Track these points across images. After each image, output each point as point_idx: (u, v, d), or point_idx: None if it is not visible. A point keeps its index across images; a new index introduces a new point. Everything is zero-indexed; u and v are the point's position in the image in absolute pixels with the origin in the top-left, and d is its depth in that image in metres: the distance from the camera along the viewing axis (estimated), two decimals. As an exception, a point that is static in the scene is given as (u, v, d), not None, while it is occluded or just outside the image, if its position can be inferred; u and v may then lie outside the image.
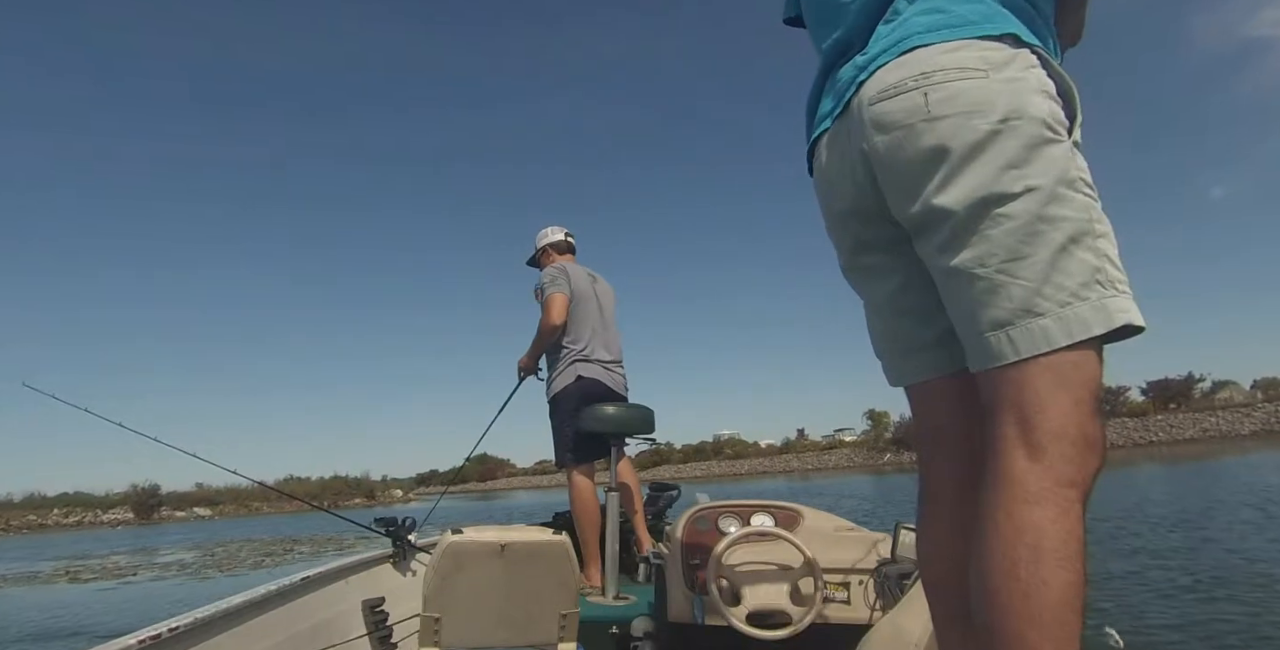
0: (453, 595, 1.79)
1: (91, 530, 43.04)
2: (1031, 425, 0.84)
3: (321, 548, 15.99)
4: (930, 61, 0.93)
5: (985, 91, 0.89)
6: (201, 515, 54.31)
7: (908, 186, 0.95)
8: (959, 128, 0.89)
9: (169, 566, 13.87)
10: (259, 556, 14.60)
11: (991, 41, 0.92)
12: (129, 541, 25.15)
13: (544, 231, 3.73)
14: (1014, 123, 0.88)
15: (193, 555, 16.29)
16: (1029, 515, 0.81)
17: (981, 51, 0.92)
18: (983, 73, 0.90)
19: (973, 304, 0.91)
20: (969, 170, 0.89)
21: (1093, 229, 0.88)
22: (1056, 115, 0.90)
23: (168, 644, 1.52)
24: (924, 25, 0.96)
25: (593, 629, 2.39)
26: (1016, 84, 0.90)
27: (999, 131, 0.88)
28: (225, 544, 19.31)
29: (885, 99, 0.95)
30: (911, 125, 0.93)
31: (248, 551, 16.05)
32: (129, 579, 12.02)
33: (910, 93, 0.93)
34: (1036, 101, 0.90)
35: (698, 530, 2.48)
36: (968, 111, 0.89)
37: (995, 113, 0.88)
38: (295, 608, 2.09)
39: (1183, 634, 4.24)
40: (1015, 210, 0.87)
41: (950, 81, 0.91)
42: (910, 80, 0.93)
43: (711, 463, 75.84)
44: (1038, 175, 0.87)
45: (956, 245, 0.91)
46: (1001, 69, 0.91)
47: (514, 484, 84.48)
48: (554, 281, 3.39)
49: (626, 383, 3.51)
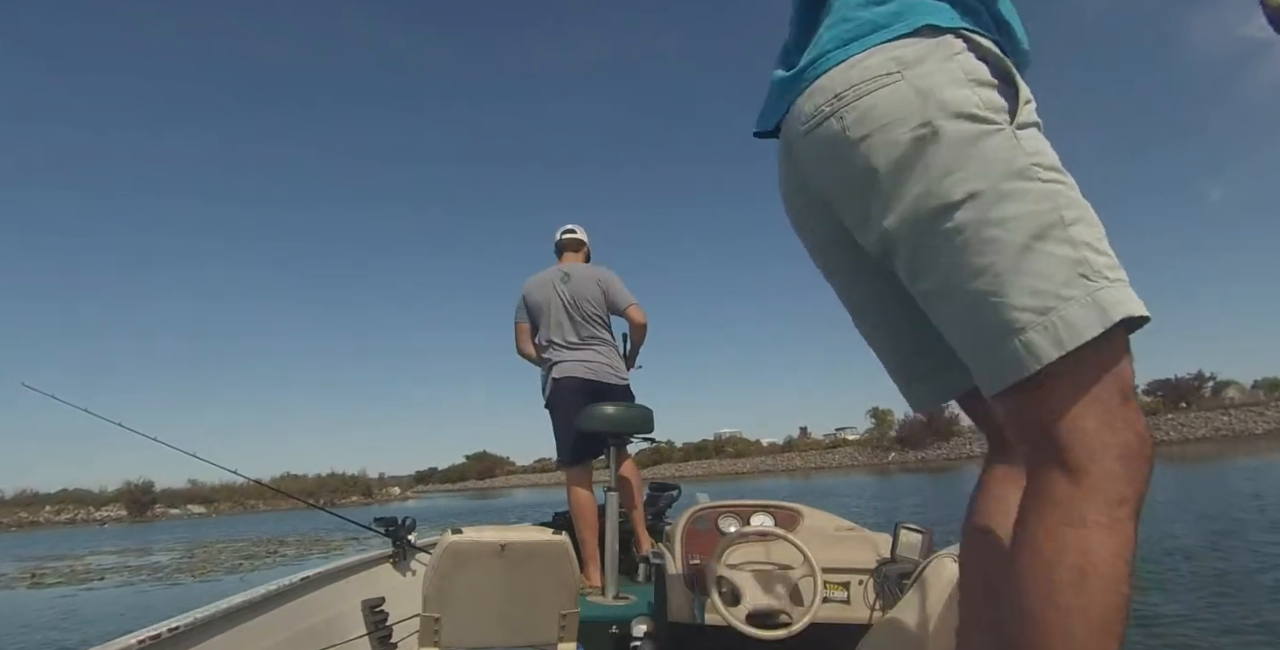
0: (452, 595, 1.79)
1: (84, 528, 43.01)
2: (1064, 445, 0.77)
3: (307, 550, 15.51)
4: (841, 80, 0.89)
5: (898, 96, 0.84)
6: (196, 513, 54.36)
7: (857, 216, 0.92)
8: (881, 144, 0.85)
9: (140, 570, 13.42)
10: (238, 559, 14.18)
11: (904, 39, 0.87)
12: (115, 540, 24.78)
13: (557, 230, 3.77)
14: (938, 123, 0.83)
15: (170, 557, 15.88)
16: (1074, 537, 0.74)
17: (893, 53, 0.87)
18: (896, 75, 0.85)
19: (953, 330, 0.87)
20: (903, 187, 0.85)
21: (1061, 217, 0.80)
22: (992, 102, 0.84)
23: (167, 644, 1.51)
24: (833, 40, 0.92)
25: (593, 629, 2.38)
26: (933, 78, 0.84)
27: (923, 137, 0.83)
28: (209, 545, 18.92)
29: (808, 132, 0.92)
30: (839, 155, 0.89)
31: (229, 554, 15.62)
32: (92, 585, 11.60)
33: (828, 120, 0.89)
34: (961, 94, 0.84)
35: (698, 530, 2.51)
36: (885, 124, 0.85)
37: (914, 117, 0.83)
38: (295, 608, 2.09)
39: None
40: (962, 220, 0.82)
41: (862, 97, 0.86)
42: (825, 106, 0.90)
43: (712, 461, 75.73)
44: (977, 176, 0.81)
45: (919, 270, 0.88)
46: (916, 66, 0.85)
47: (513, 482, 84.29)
48: (517, 309, 3.61)
49: (610, 360, 3.44)
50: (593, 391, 3.31)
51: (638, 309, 3.49)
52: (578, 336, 3.42)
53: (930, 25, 0.87)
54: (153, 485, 56.71)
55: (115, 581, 11.70)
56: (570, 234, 3.71)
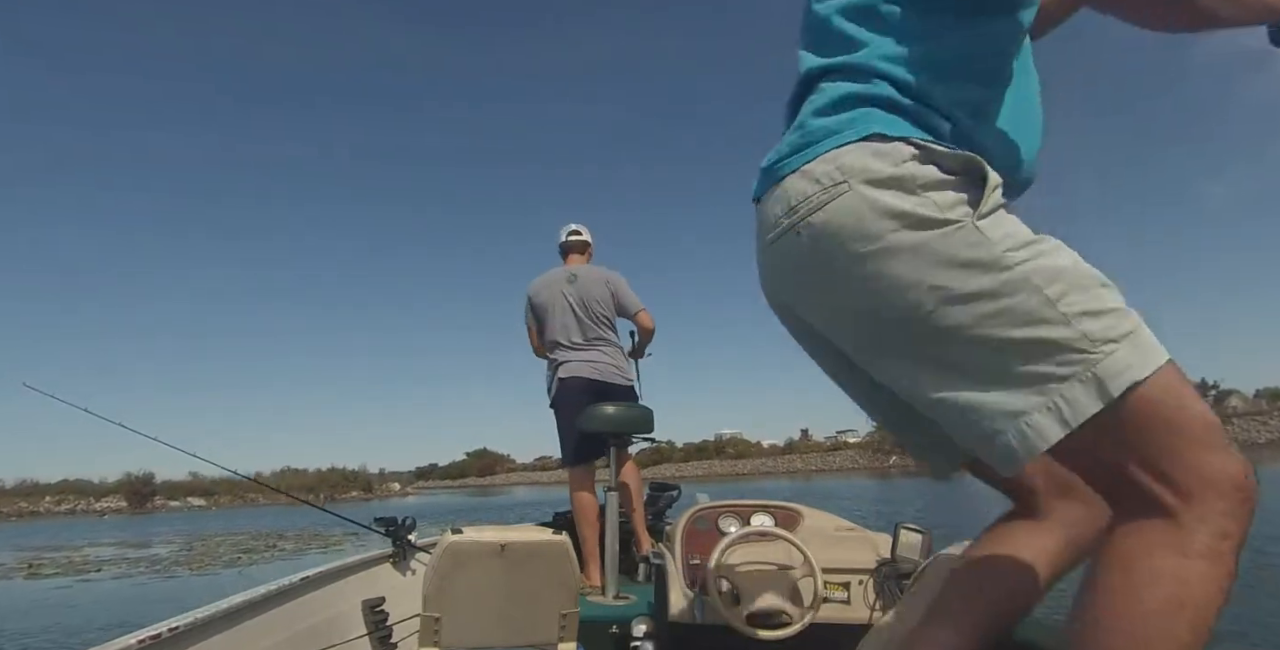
0: (453, 595, 1.79)
1: (84, 518, 43.03)
2: (1169, 478, 0.75)
3: (306, 545, 15.51)
4: (795, 190, 0.89)
5: (848, 208, 0.83)
6: (196, 505, 54.35)
7: (828, 325, 0.93)
8: (841, 262, 0.84)
9: (139, 562, 13.39)
10: (237, 553, 14.16)
11: (852, 146, 0.86)
12: (114, 532, 24.77)
13: (561, 230, 3.77)
14: (891, 237, 0.81)
15: (169, 550, 15.87)
16: (1175, 567, 0.72)
17: (840, 161, 0.86)
18: (844, 185, 0.84)
19: (952, 429, 0.85)
20: (871, 301, 0.84)
21: (1045, 298, 0.77)
22: (947, 201, 0.81)
23: (167, 644, 1.50)
24: (789, 145, 0.93)
25: (593, 629, 2.38)
26: (882, 187, 0.82)
27: (880, 251, 0.81)
28: (207, 538, 18.91)
29: (772, 243, 0.92)
30: (801, 270, 0.90)
31: (227, 547, 15.59)
32: (90, 576, 11.56)
33: (787, 234, 0.89)
34: (912, 202, 0.81)
35: (698, 530, 2.51)
36: (841, 241, 0.84)
37: (868, 229, 0.82)
38: (295, 608, 2.08)
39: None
40: (943, 327, 0.80)
41: (814, 211, 0.86)
42: (784, 218, 0.90)
43: (713, 462, 75.72)
44: (946, 281, 0.79)
45: (902, 380, 0.87)
46: (863, 174, 0.84)
47: (513, 479, 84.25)
48: (525, 311, 3.65)
49: (615, 361, 3.48)
50: (598, 392, 3.32)
51: (647, 315, 3.57)
52: (583, 337, 3.44)
53: (878, 133, 0.86)
54: (153, 477, 56.82)
55: (112, 573, 11.69)
56: (577, 236, 3.71)
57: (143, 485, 55.67)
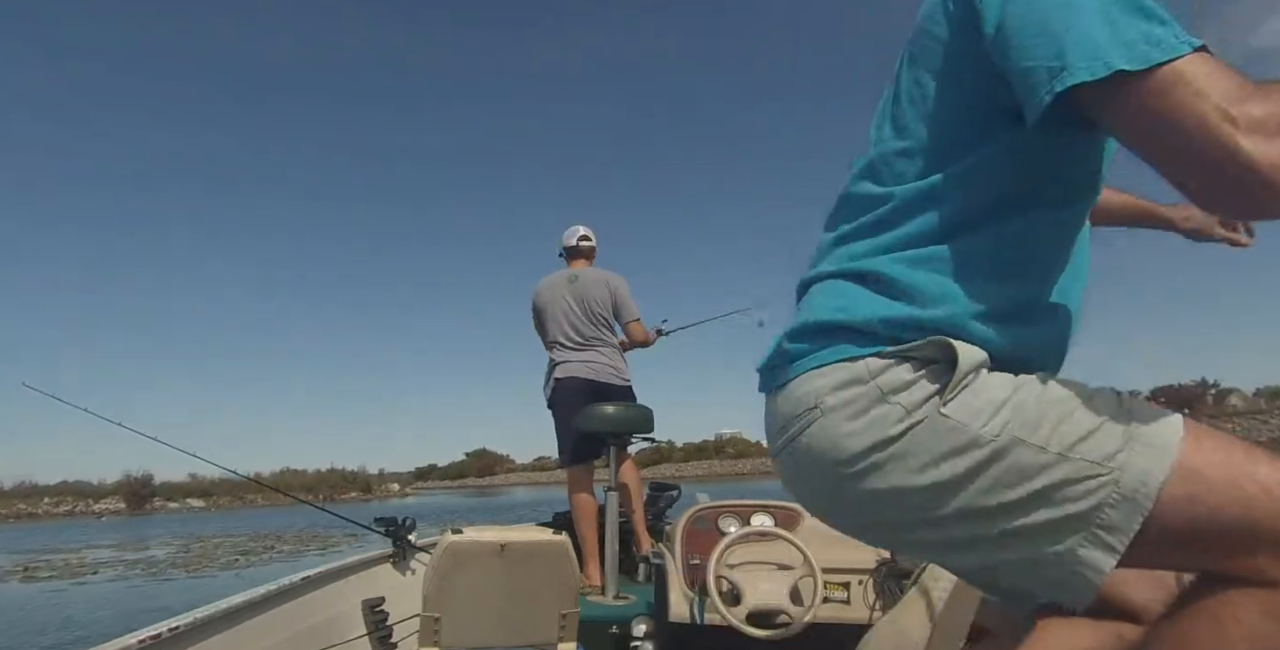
0: (452, 595, 1.79)
1: (82, 520, 42.89)
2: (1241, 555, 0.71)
3: (304, 546, 15.45)
4: (780, 413, 0.90)
5: (823, 434, 0.83)
6: (194, 507, 54.29)
7: (854, 533, 0.94)
8: (828, 483, 0.85)
9: (135, 564, 13.41)
10: (234, 555, 14.22)
11: (815, 371, 0.86)
12: (111, 534, 24.71)
13: (567, 232, 3.77)
14: (870, 457, 0.80)
15: (166, 552, 15.84)
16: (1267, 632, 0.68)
17: (809, 385, 0.86)
18: (815, 411, 0.84)
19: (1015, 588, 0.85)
20: (871, 517, 0.86)
21: (1035, 459, 0.74)
22: (912, 401, 0.79)
23: (167, 644, 1.50)
24: (771, 359, 0.94)
25: (592, 629, 2.37)
26: (848, 409, 0.82)
27: (859, 473, 0.81)
28: (205, 540, 18.85)
29: (777, 455, 0.93)
30: (804, 484, 0.91)
31: (224, 549, 15.62)
32: (85, 579, 11.58)
33: (783, 453, 0.90)
34: (877, 416, 0.80)
35: (697, 530, 2.51)
36: (823, 465, 0.84)
37: (841, 455, 0.81)
38: (295, 608, 2.09)
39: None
40: (942, 519, 0.78)
41: (795, 438, 0.87)
42: (778, 436, 0.91)
43: (713, 461, 75.58)
44: (928, 482, 0.77)
45: (938, 560, 0.90)
46: (829, 397, 0.83)
47: (513, 480, 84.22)
48: (532, 313, 3.66)
49: (612, 361, 3.50)
50: (595, 392, 3.32)
51: (640, 326, 3.62)
52: (581, 337, 3.45)
53: (846, 358, 0.84)
54: (151, 479, 56.73)
55: (108, 576, 11.66)
56: (587, 241, 3.73)
57: (141, 487, 55.54)
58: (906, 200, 0.85)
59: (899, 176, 0.87)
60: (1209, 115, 0.66)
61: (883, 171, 0.89)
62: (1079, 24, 0.72)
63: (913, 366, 0.80)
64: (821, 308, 0.88)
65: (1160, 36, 0.70)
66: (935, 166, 0.84)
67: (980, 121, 0.83)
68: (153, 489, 56.21)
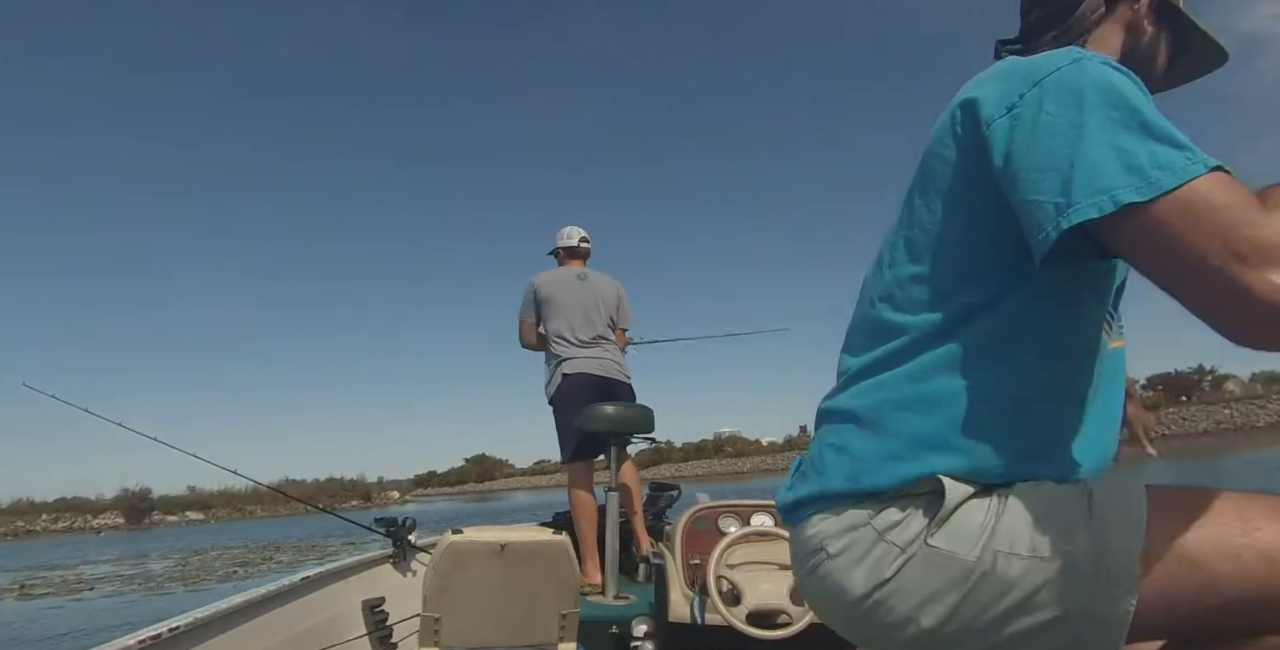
0: (453, 595, 1.78)
1: (81, 536, 42.61)
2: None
3: (304, 555, 15.32)
4: (804, 544, 0.92)
5: (824, 579, 0.87)
6: (194, 519, 54.09)
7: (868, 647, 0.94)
8: (837, 621, 0.91)
9: (132, 579, 13.26)
10: (233, 567, 14.08)
11: (816, 517, 0.89)
12: (110, 548, 24.55)
13: (563, 231, 3.79)
14: (873, 596, 0.82)
15: (164, 565, 15.71)
16: None
17: (811, 530, 0.90)
18: (820, 555, 0.88)
19: None
20: (881, 643, 0.87)
21: (1011, 569, 0.75)
22: (904, 538, 0.81)
23: (167, 644, 1.50)
24: (783, 498, 0.96)
25: (593, 629, 2.37)
26: (843, 556, 0.85)
27: (864, 614, 0.84)
28: (203, 552, 18.74)
29: (802, 582, 0.95)
30: (825, 616, 0.94)
31: (223, 561, 15.50)
32: (82, 595, 11.43)
33: (804, 584, 0.94)
34: (871, 559, 0.83)
35: (698, 530, 2.52)
36: (830, 606, 0.89)
37: (845, 598, 0.85)
38: (295, 608, 2.09)
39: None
40: (951, 640, 0.80)
41: (804, 578, 0.92)
42: (798, 564, 0.94)
43: (712, 461, 75.53)
44: (928, 613, 0.79)
45: None
46: (828, 545, 0.87)
47: (512, 484, 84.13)
48: (521, 305, 3.62)
49: (617, 358, 3.54)
50: (603, 388, 3.36)
51: (624, 334, 3.76)
52: (590, 334, 3.48)
53: (834, 508, 0.87)
54: (150, 492, 56.53)
55: (104, 591, 11.52)
56: (586, 243, 3.78)
57: (140, 501, 55.32)
58: (919, 334, 0.85)
59: (914, 305, 0.86)
60: (1217, 253, 0.64)
61: (897, 296, 0.89)
62: (1085, 154, 0.70)
63: (904, 504, 0.83)
64: (835, 476, 0.88)
65: (1170, 160, 0.68)
66: (948, 296, 0.84)
67: (991, 251, 0.82)
68: (151, 503, 56.01)
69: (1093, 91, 0.73)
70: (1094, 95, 0.73)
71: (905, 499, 0.83)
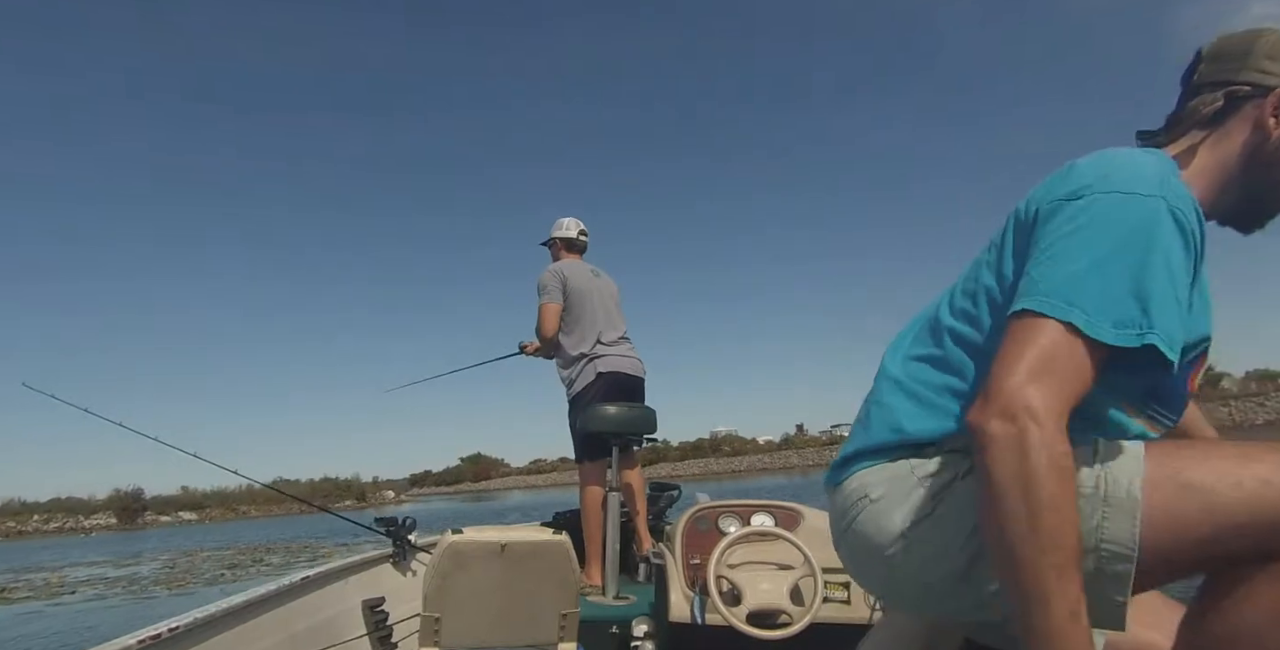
0: (453, 595, 1.77)
1: (73, 537, 42.31)
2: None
3: (294, 557, 15.08)
4: (838, 502, 1.04)
5: (868, 522, 0.97)
6: (186, 520, 53.86)
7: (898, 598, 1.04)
8: (879, 559, 0.96)
9: (116, 582, 12.91)
10: (221, 569, 13.81)
11: (868, 470, 1.00)
12: (98, 550, 24.26)
13: (561, 222, 3.66)
14: (908, 533, 0.92)
15: (151, 568, 15.41)
16: None
17: (861, 480, 1.00)
18: (864, 501, 0.98)
19: None
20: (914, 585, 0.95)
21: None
22: (938, 485, 0.93)
23: (167, 644, 1.50)
24: (842, 457, 1.06)
25: (593, 629, 2.35)
26: (886, 502, 0.95)
27: (904, 547, 0.93)
28: (193, 554, 18.49)
29: (840, 536, 1.05)
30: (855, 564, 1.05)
31: (211, 563, 15.22)
32: (62, 600, 11.09)
33: (844, 537, 1.03)
34: (908, 503, 0.94)
35: (698, 530, 2.52)
36: (869, 547, 0.97)
37: (882, 538, 0.95)
38: (295, 608, 2.09)
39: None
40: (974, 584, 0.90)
41: (851, 524, 1.00)
42: (839, 521, 1.04)
43: (709, 460, 75.45)
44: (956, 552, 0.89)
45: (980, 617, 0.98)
46: (874, 492, 0.97)
47: (509, 484, 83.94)
48: (545, 290, 3.40)
49: (640, 357, 3.48)
50: (632, 387, 3.34)
51: None
52: (617, 331, 3.42)
53: (895, 458, 0.98)
54: (142, 492, 56.32)
55: (86, 595, 11.21)
56: (585, 237, 3.67)
57: (132, 501, 55.18)
58: (961, 353, 0.98)
59: (972, 320, 0.98)
60: (1006, 376, 0.81)
61: (958, 317, 1.00)
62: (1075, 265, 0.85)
63: (945, 457, 0.94)
64: (879, 429, 1.01)
65: (1112, 309, 0.81)
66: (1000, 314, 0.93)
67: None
68: (144, 503, 55.86)
69: (1127, 228, 0.84)
70: (1126, 231, 0.84)
71: (943, 452, 0.94)
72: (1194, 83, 1.02)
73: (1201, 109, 0.98)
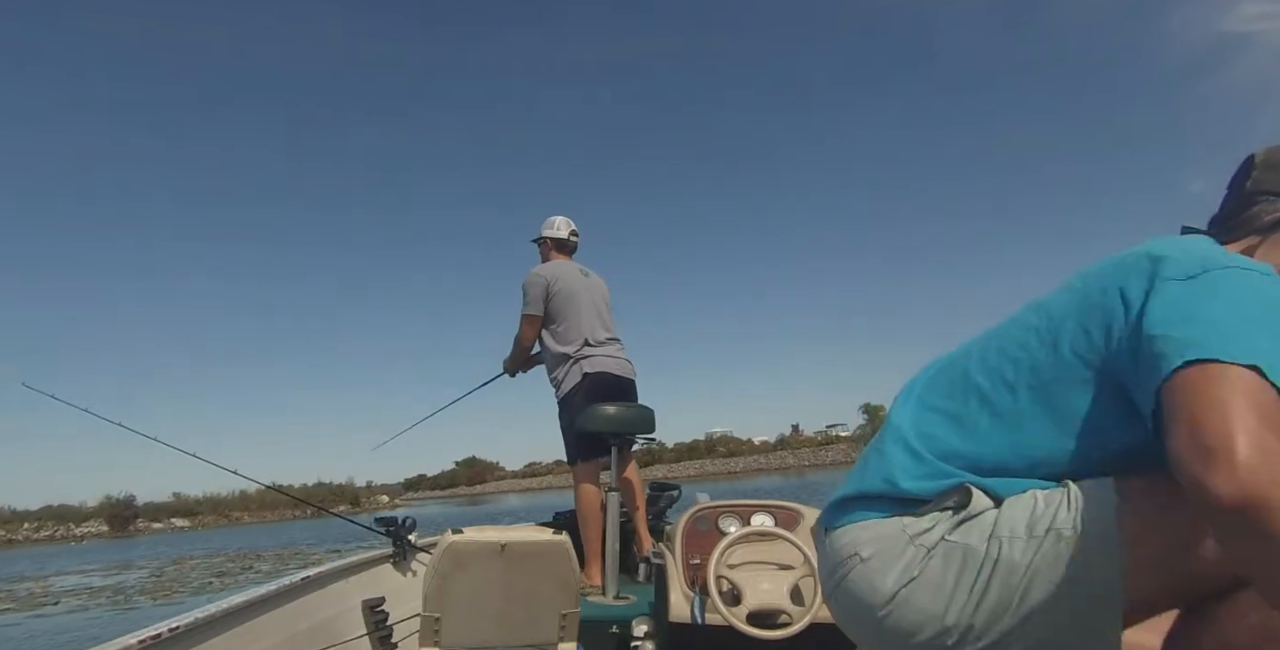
0: (453, 595, 1.78)
1: (63, 545, 41.94)
2: None
3: (284, 564, 14.92)
4: (826, 557, 1.07)
5: (859, 580, 0.98)
6: (179, 526, 53.50)
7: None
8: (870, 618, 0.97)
9: (100, 591, 12.71)
10: (208, 577, 13.63)
11: (855, 525, 1.01)
12: (87, 558, 24.02)
13: (553, 221, 3.61)
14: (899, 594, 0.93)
15: (138, 577, 15.21)
16: None
17: (848, 537, 1.01)
18: (853, 560, 0.99)
19: None
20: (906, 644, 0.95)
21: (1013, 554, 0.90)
22: (930, 540, 0.94)
23: (167, 644, 1.51)
24: (835, 504, 1.08)
25: (593, 629, 2.33)
26: (875, 561, 0.96)
27: (892, 612, 0.94)
28: (181, 561, 18.30)
29: (831, 591, 1.05)
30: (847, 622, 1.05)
31: (199, 571, 15.04)
32: (44, 611, 10.90)
33: (833, 594, 1.04)
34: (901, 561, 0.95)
35: (698, 530, 2.53)
36: (862, 606, 0.98)
37: (874, 599, 0.96)
38: (295, 608, 2.10)
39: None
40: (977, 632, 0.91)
41: (841, 581, 1.01)
42: (826, 579, 1.06)
43: (705, 461, 75.50)
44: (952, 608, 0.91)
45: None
46: (862, 550, 0.98)
47: (504, 487, 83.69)
48: (526, 298, 3.35)
49: (628, 358, 3.45)
50: (622, 388, 3.30)
51: None
52: (607, 332, 3.37)
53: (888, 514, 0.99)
54: (134, 499, 55.99)
55: (69, 606, 10.99)
56: (576, 237, 3.61)
57: (124, 508, 54.85)
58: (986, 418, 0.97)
59: (985, 400, 0.99)
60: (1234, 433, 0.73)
61: (992, 378, 1.00)
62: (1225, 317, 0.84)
63: (935, 513, 0.95)
64: (874, 478, 1.02)
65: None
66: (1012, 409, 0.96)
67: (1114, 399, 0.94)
68: (135, 510, 55.53)
69: (1272, 295, 0.85)
70: (1271, 297, 0.85)
71: (934, 508, 0.95)
72: (1248, 189, 1.04)
73: (1263, 216, 1.01)
